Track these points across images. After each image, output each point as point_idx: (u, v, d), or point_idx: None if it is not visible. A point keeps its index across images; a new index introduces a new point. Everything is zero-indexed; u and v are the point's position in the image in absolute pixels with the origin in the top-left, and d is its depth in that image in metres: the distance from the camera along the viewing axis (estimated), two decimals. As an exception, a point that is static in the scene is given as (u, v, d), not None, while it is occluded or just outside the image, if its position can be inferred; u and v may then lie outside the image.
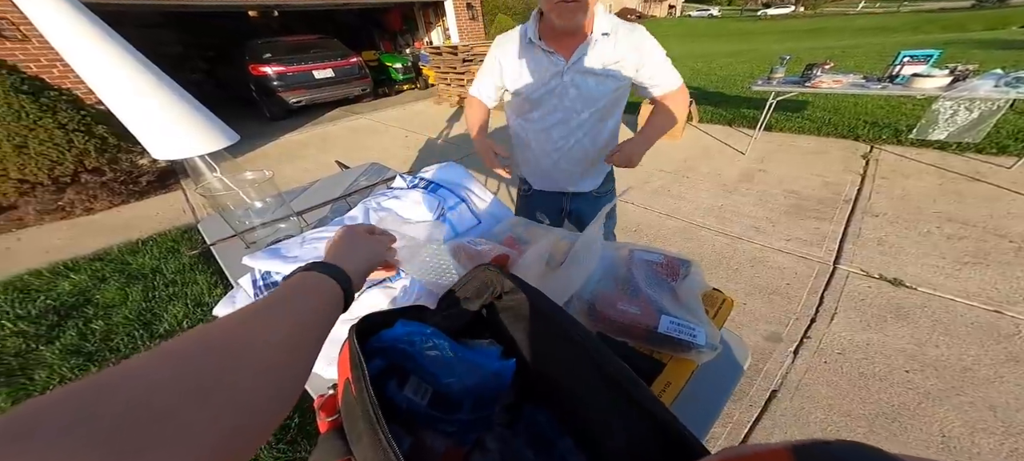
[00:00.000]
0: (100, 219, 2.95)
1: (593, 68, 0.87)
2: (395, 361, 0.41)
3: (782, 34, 17.17)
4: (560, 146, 0.99)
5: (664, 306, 0.51)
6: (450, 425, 0.40)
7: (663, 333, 0.49)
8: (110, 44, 0.89)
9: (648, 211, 2.57)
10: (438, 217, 0.88)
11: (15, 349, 1.56)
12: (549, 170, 1.07)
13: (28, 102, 2.66)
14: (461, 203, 0.93)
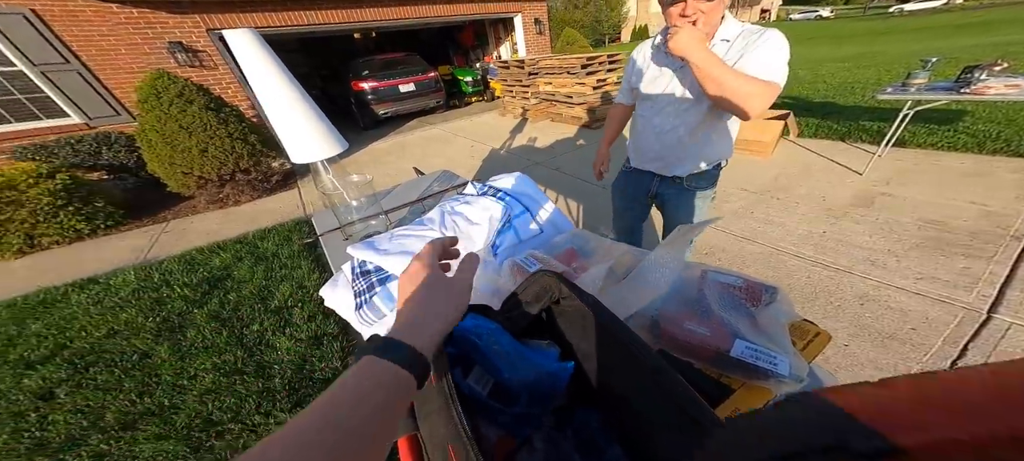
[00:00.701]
0: (243, 210, 3.74)
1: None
2: (462, 350, 0.45)
3: (918, 32, 14.00)
4: (660, 132, 1.11)
5: (740, 330, 0.48)
6: (505, 416, 0.42)
7: (736, 357, 0.45)
8: (278, 68, 1.16)
9: (722, 233, 2.32)
10: (505, 223, 0.94)
11: (178, 310, 2.07)
12: (646, 152, 1.19)
13: (212, 117, 3.55)
14: (526, 212, 0.98)
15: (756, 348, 0.45)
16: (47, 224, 3.15)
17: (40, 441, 1.39)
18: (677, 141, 1.09)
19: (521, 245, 0.91)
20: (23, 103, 4.08)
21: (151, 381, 1.60)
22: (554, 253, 0.82)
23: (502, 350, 0.43)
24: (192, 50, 4.56)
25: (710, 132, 1.07)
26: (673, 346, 0.51)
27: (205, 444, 1.31)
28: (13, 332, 1.99)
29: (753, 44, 0.90)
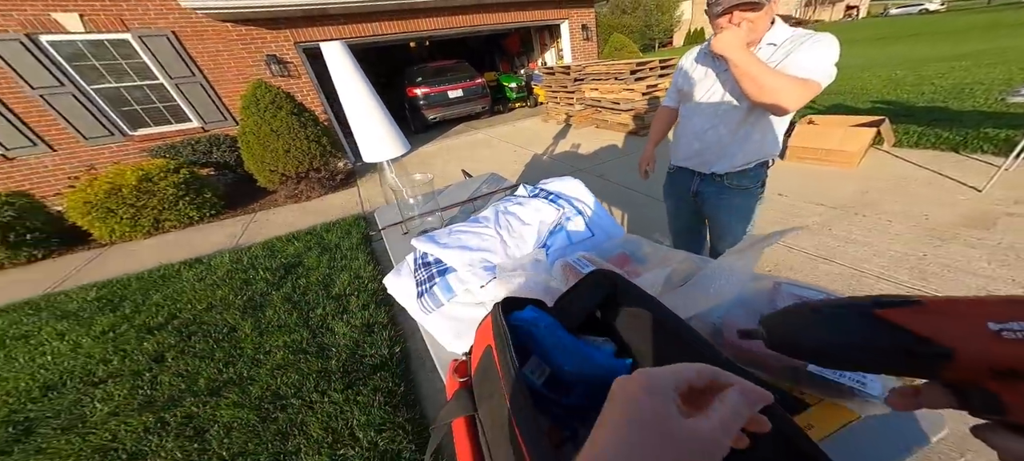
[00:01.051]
0: (313, 204, 4.19)
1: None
2: (520, 341, 0.46)
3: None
4: (700, 130, 1.14)
5: None
6: (557, 407, 0.42)
7: (815, 373, 0.42)
8: (360, 77, 1.31)
9: (791, 250, 2.09)
10: (556, 224, 0.95)
11: (260, 291, 2.37)
12: (685, 150, 1.22)
13: (295, 121, 4.05)
14: (578, 215, 0.98)
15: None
16: (169, 211, 3.82)
17: (149, 399, 1.63)
18: (717, 140, 1.12)
19: (572, 247, 0.91)
20: (160, 110, 5.01)
21: (235, 353, 1.84)
22: (606, 257, 0.81)
23: (558, 342, 0.43)
24: (283, 61, 5.25)
25: (751, 130, 1.07)
26: (737, 355, 0.48)
27: (271, 416, 1.46)
28: (139, 301, 2.42)
29: (799, 46, 0.92)
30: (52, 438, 1.48)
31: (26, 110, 4.29)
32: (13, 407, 1.66)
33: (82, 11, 4.20)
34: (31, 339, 2.12)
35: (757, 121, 1.05)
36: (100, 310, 2.34)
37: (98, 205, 3.48)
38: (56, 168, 4.64)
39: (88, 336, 2.08)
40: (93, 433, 1.48)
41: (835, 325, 0.22)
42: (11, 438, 1.50)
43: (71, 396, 1.68)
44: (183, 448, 1.37)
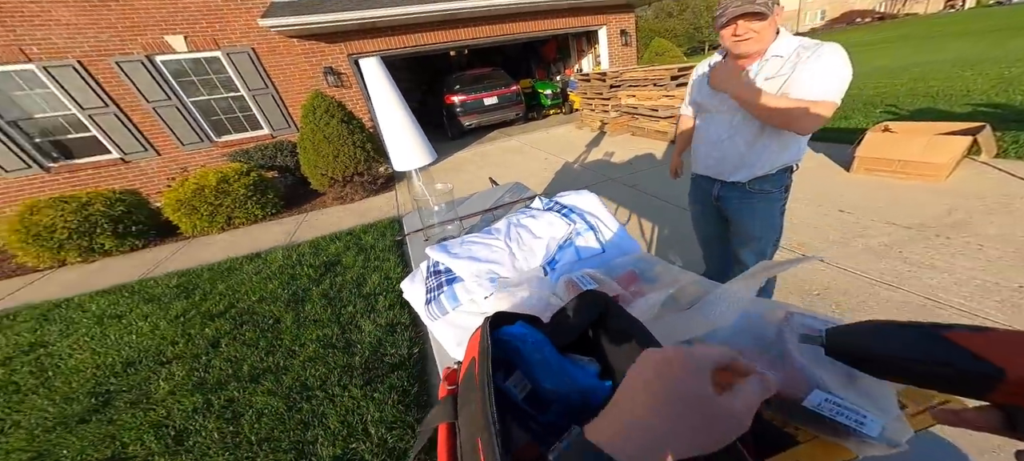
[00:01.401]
0: (356, 206, 4.52)
1: (754, 80, 1.02)
2: (506, 354, 0.47)
3: None
4: (718, 141, 1.18)
5: (824, 381, 0.40)
6: (535, 424, 0.43)
7: (810, 408, 0.39)
8: (393, 89, 1.40)
9: (850, 274, 1.84)
10: (566, 239, 0.93)
11: (304, 286, 2.59)
12: (704, 159, 1.26)
13: (344, 128, 4.42)
14: (590, 230, 0.95)
15: (839, 401, 0.39)
16: (240, 209, 4.33)
17: (202, 381, 1.81)
18: (734, 151, 1.14)
19: (580, 263, 0.89)
20: (240, 119, 5.76)
21: (276, 343, 2.01)
22: (614, 274, 0.79)
23: (543, 359, 0.44)
24: (337, 73, 5.77)
25: (770, 142, 1.08)
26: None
27: (297, 405, 1.58)
28: (207, 289, 2.77)
29: (804, 61, 0.94)
30: (122, 411, 1.71)
31: (142, 120, 5.18)
32: (99, 379, 1.94)
33: (186, 33, 4.98)
34: (123, 319, 2.50)
35: (775, 133, 1.07)
36: (177, 296, 2.71)
37: (186, 203, 4.06)
38: (160, 170, 5.50)
39: (165, 319, 2.41)
40: (153, 409, 1.69)
41: (900, 339, 0.24)
42: (92, 408, 1.75)
43: (144, 373, 1.94)
44: (220, 430, 1.52)
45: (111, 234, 3.90)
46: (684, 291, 0.63)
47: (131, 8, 4.68)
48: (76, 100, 4.76)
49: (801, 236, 2.27)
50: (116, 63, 4.77)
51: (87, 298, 2.88)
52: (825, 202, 2.62)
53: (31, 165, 4.85)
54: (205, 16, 5.01)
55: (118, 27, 4.69)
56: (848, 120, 4.36)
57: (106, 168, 5.24)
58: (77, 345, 2.26)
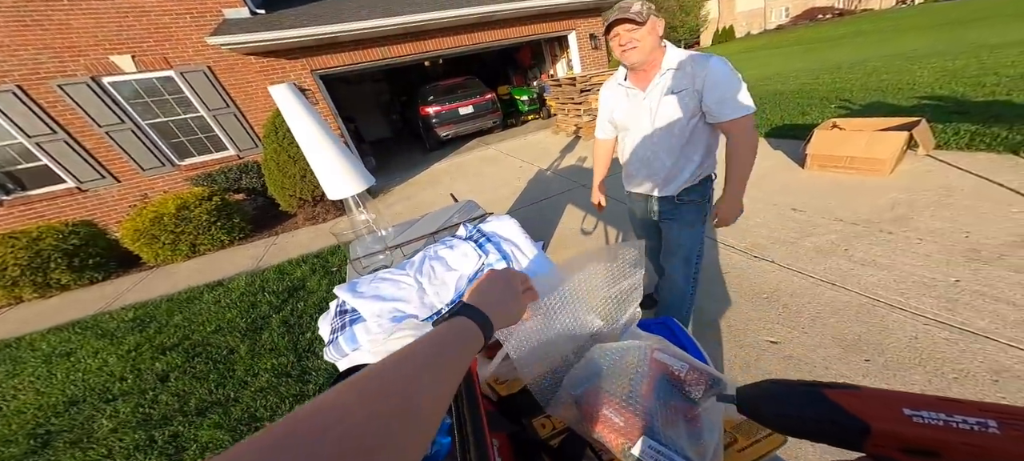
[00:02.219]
0: (327, 226, 4.44)
1: (663, 97, 1.09)
2: None
3: None
4: (644, 159, 1.23)
5: (657, 422, 0.43)
6: None
7: (635, 456, 0.42)
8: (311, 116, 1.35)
9: (798, 274, 1.89)
10: (476, 271, 0.93)
11: (264, 313, 2.52)
12: (636, 177, 1.31)
13: None
14: (502, 260, 0.96)
15: (661, 450, 0.41)
16: (203, 235, 4.21)
17: (146, 416, 1.77)
18: (662, 167, 1.20)
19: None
20: (202, 141, 5.58)
21: (227, 375, 1.96)
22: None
23: None
24: (301, 89, 5.63)
25: (692, 153, 1.16)
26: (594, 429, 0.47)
27: (243, 436, 1.56)
28: (163, 321, 2.69)
29: (703, 78, 1.02)
30: (62, 450, 1.65)
31: (95, 146, 4.94)
32: (40, 420, 1.88)
33: (133, 52, 4.78)
34: (72, 356, 2.40)
35: (695, 145, 1.15)
36: (131, 330, 2.62)
37: (144, 232, 3.92)
38: (120, 198, 5.27)
39: (115, 354, 2.32)
40: (93, 447, 1.63)
41: (791, 399, 0.28)
42: (30, 450, 1.69)
43: (87, 411, 1.87)
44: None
45: (66, 268, 3.74)
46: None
47: (68, 27, 4.46)
48: (20, 128, 4.51)
49: (755, 237, 2.32)
50: (59, 86, 4.53)
51: (39, 336, 2.76)
52: (780, 201, 2.68)
53: None
54: (152, 34, 4.82)
55: (56, 47, 4.45)
56: (805, 116, 4.50)
57: (62, 198, 5.00)
58: (21, 386, 2.18)
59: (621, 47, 1.04)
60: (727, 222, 1.19)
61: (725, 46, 25.13)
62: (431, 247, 1.08)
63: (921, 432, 0.21)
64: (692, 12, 29.22)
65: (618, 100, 1.24)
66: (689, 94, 1.05)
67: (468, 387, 0.43)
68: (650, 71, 1.10)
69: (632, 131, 1.22)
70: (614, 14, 1.01)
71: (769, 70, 9.86)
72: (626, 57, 1.06)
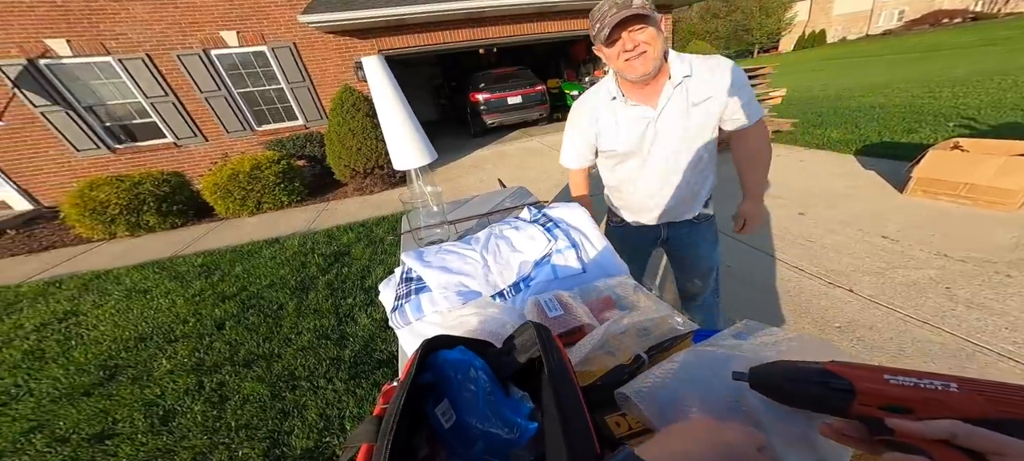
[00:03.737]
0: (373, 198, 4.63)
1: (681, 111, 0.91)
2: (439, 381, 0.45)
3: None
4: (663, 187, 1.03)
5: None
6: (461, 456, 0.43)
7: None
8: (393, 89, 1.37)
9: (882, 307, 1.65)
10: (544, 256, 0.87)
11: (312, 274, 2.64)
12: (649, 208, 1.10)
13: (368, 122, 4.55)
14: (571, 248, 0.88)
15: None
16: (268, 195, 4.56)
17: (199, 362, 1.85)
18: (687, 188, 1.03)
19: (556, 282, 0.82)
20: (279, 110, 6.10)
21: (275, 330, 2.04)
22: (589, 298, 0.73)
23: (470, 390, 0.44)
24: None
25: (707, 168, 1.03)
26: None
27: (281, 394, 1.60)
28: (226, 270, 2.91)
29: (728, 81, 0.89)
30: (123, 386, 1.77)
31: (194, 109, 5.59)
32: (111, 353, 2.02)
33: (238, 29, 5.33)
34: (148, 294, 2.67)
35: (709, 159, 1.02)
36: (198, 275, 2.87)
37: (221, 187, 4.33)
38: (205, 155, 5.90)
39: (183, 296, 2.55)
40: (149, 386, 1.74)
41: (799, 371, 0.31)
42: (98, 381, 1.82)
43: (151, 349, 2.01)
44: (205, 413, 1.55)
45: (155, 212, 4.23)
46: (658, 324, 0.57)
47: (193, 6, 5.07)
48: (142, 89, 5.23)
49: (832, 262, 2.05)
50: (178, 56, 5.19)
51: (124, 271, 3.12)
52: (867, 227, 2.35)
53: (99, 146, 5.37)
54: (255, 13, 5.33)
55: (181, 23, 5.09)
56: (913, 134, 3.89)
57: (160, 151, 5.72)
58: (103, 316, 2.42)
59: (626, 55, 0.80)
60: (752, 227, 1.10)
61: (808, 53, 22.52)
62: (496, 226, 1.03)
63: (898, 392, 0.26)
64: (775, 13, 26.56)
65: (608, 122, 0.98)
66: (714, 102, 0.90)
67: (561, 368, 0.41)
68: (659, 82, 0.88)
69: (641, 158, 0.99)
70: (614, 12, 0.75)
71: (867, 80, 8.67)
72: (631, 68, 0.82)
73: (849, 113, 5.34)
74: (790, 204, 2.81)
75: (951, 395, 0.24)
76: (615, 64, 0.86)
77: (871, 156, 3.56)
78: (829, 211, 2.62)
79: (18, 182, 5.34)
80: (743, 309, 1.76)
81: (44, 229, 4.70)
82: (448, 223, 1.34)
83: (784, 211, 2.72)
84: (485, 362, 0.47)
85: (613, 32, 0.78)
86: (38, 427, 1.58)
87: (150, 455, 1.40)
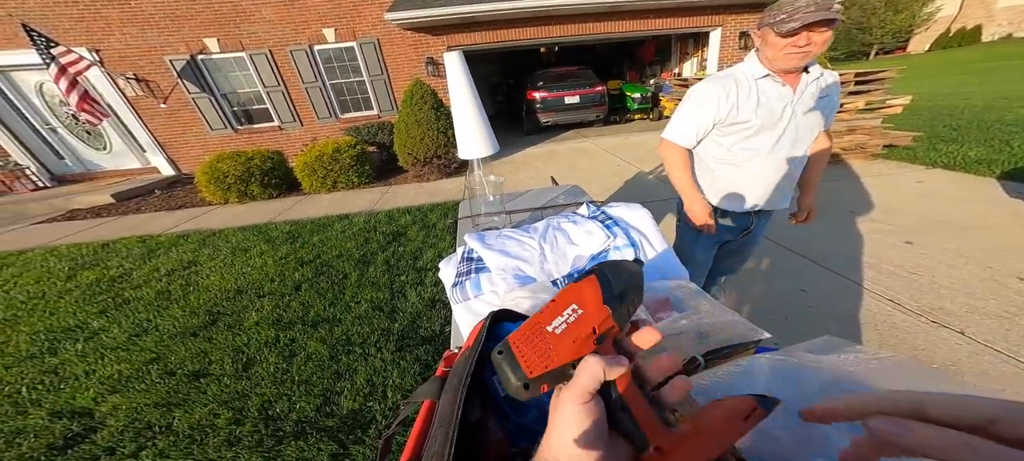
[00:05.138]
0: (429, 186, 4.92)
1: (811, 101, 1.03)
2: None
3: None
4: (781, 168, 1.11)
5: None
6: (511, 422, 0.44)
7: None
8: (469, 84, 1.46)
9: (997, 354, 1.40)
10: (602, 251, 0.87)
11: (372, 250, 2.89)
12: (758, 192, 1.15)
13: (433, 114, 4.86)
14: (630, 246, 0.86)
15: None
16: (342, 176, 5.10)
17: (279, 317, 2.07)
18: (787, 179, 1.13)
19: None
20: (359, 100, 6.83)
21: (339, 297, 2.23)
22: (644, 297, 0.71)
23: None
24: (436, 63, 6.35)
25: (804, 162, 1.15)
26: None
27: (337, 357, 1.74)
28: (306, 239, 3.32)
29: (834, 89, 1.05)
30: (221, 331, 2.00)
31: (296, 97, 6.54)
32: (216, 301, 2.31)
33: (336, 26, 6.09)
34: (247, 252, 3.15)
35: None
36: (285, 240, 3.33)
37: (309, 166, 4.96)
38: (298, 138, 6.83)
39: (272, 258, 2.96)
40: (240, 335, 1.95)
41: None
42: (203, 324, 2.08)
43: (245, 302, 2.28)
44: (276, 365, 1.72)
45: (259, 184, 4.99)
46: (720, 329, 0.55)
47: (306, 6, 5.91)
48: (262, 79, 6.29)
49: (939, 299, 1.72)
50: (290, 51, 6.12)
51: (231, 231, 3.72)
52: (997, 265, 1.93)
53: (227, 126, 6.55)
54: (350, 11, 6.04)
55: (296, 22, 5.97)
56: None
57: (268, 133, 6.77)
58: (213, 269, 2.89)
59: (797, 50, 0.90)
60: (811, 215, 1.25)
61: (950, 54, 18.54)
62: (555, 218, 1.05)
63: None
64: (907, 8, 22.24)
65: (747, 97, 1.04)
66: (828, 101, 1.05)
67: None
68: (799, 72, 1.01)
69: (775, 134, 1.06)
70: (810, 10, 0.84)
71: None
72: (791, 60, 0.94)
73: (999, 128, 4.38)
74: (895, 231, 2.40)
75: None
76: (776, 52, 0.94)
77: (1019, 181, 2.89)
78: (947, 242, 2.19)
79: (169, 152, 6.69)
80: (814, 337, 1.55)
81: (180, 191, 5.84)
82: (505, 212, 1.39)
83: (885, 238, 2.33)
84: None
85: (802, 28, 0.86)
86: (156, 359, 1.83)
87: (230, 397, 1.57)
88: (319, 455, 1.29)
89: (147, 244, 3.53)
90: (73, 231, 4.26)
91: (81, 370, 1.80)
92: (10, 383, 1.75)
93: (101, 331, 2.11)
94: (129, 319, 2.21)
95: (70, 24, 5.41)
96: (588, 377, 0.23)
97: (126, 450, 1.36)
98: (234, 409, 1.50)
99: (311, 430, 1.38)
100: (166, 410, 1.53)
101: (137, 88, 5.94)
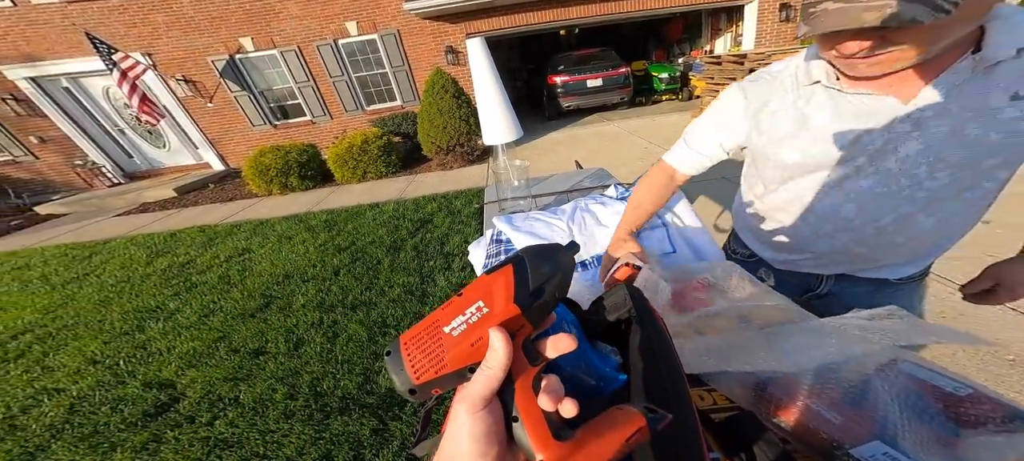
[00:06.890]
0: (453, 173, 5.01)
1: (969, 110, 0.47)
2: None
3: None
4: (857, 222, 0.59)
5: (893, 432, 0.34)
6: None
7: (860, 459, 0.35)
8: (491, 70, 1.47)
9: None
10: (631, 233, 0.86)
11: (401, 237, 3.02)
12: (816, 249, 0.67)
13: (454, 103, 4.89)
14: (662, 227, 0.85)
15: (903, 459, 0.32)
16: (371, 166, 5.30)
17: (322, 301, 2.19)
18: (896, 234, 0.58)
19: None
20: (383, 92, 6.99)
21: (374, 281, 2.37)
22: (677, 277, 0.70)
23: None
24: (455, 51, 6.34)
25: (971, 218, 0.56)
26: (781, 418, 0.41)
27: (374, 338, 1.86)
28: (342, 226, 3.52)
29: None
30: (273, 313, 2.17)
31: (325, 92, 6.80)
32: (268, 286, 2.50)
33: (357, 19, 6.21)
34: (292, 240, 3.38)
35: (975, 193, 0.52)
36: (323, 228, 3.54)
37: (340, 157, 5.20)
38: (328, 130, 7.13)
39: (313, 245, 3.17)
40: (291, 316, 2.11)
41: None
42: (259, 306, 2.27)
43: (292, 286, 2.47)
44: (322, 345, 1.84)
45: (297, 176, 5.31)
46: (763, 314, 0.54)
47: (329, 1, 6.02)
48: (293, 76, 6.57)
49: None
50: (317, 47, 6.32)
51: (277, 221, 4.01)
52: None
53: (266, 123, 6.96)
54: (369, 3, 6.12)
55: (320, 17, 6.15)
56: None
57: (302, 127, 7.12)
58: (265, 255, 3.14)
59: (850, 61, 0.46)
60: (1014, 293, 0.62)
61: None
62: (582, 200, 1.05)
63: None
64: None
65: (812, 111, 0.57)
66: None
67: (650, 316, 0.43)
68: (928, 68, 0.47)
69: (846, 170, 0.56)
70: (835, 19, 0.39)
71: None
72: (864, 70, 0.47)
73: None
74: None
75: None
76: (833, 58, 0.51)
77: None
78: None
79: (218, 149, 7.23)
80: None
81: (230, 185, 6.33)
82: (531, 197, 1.40)
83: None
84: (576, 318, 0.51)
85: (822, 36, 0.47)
86: (223, 338, 2.02)
87: (285, 373, 1.70)
88: (362, 429, 1.40)
89: (206, 233, 3.88)
90: (146, 222, 4.77)
91: (163, 346, 2.05)
92: (110, 356, 2.03)
93: (176, 311, 2.38)
94: (198, 301, 2.47)
95: (124, 30, 5.89)
96: (483, 385, 0.22)
97: (203, 419, 1.55)
98: (289, 385, 1.66)
99: (354, 406, 1.50)
100: (234, 384, 1.71)
101: (186, 89, 6.43)
